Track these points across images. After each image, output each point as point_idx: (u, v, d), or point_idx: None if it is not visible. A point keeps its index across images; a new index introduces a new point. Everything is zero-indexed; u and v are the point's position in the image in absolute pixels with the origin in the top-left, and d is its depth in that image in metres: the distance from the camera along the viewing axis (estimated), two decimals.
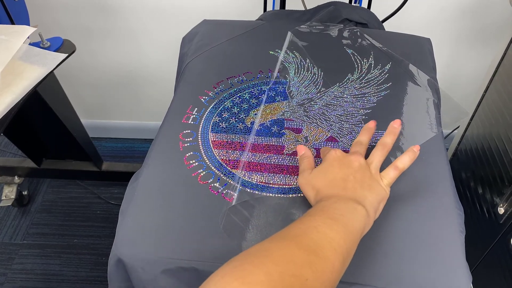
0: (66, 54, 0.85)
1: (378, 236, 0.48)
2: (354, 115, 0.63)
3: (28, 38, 0.80)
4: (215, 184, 0.53)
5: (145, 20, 1.23)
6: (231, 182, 0.54)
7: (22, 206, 1.41)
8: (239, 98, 0.66)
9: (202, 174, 0.55)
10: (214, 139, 0.59)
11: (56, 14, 1.23)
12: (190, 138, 0.59)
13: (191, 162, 0.56)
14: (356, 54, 0.75)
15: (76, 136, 1.17)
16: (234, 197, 0.52)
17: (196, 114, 0.63)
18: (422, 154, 0.56)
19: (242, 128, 0.61)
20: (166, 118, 0.63)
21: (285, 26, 0.81)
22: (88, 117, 1.54)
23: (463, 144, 1.10)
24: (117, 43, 1.31)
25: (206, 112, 0.64)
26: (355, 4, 0.95)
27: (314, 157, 0.56)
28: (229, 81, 0.69)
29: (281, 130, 0.61)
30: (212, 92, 0.67)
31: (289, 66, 0.72)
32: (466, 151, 1.08)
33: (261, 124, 0.62)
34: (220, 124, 0.62)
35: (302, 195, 0.52)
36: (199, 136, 0.60)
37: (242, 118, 0.63)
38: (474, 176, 1.01)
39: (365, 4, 0.97)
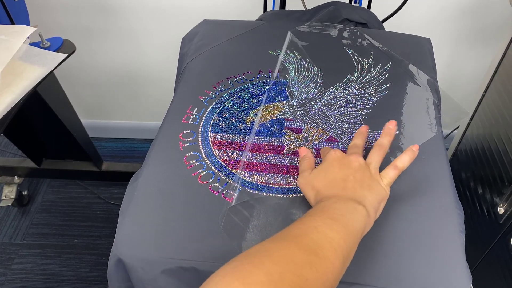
0: (66, 54, 0.85)
1: (378, 236, 0.48)
2: (354, 115, 0.63)
3: (28, 38, 0.80)
4: (215, 184, 0.53)
5: (145, 20, 1.23)
6: (231, 182, 0.54)
7: (22, 206, 1.41)
8: (239, 98, 0.66)
9: (202, 174, 0.55)
10: (214, 139, 0.59)
11: (56, 14, 1.23)
12: (190, 138, 0.59)
13: (191, 162, 0.56)
14: (356, 54, 0.75)
15: (76, 136, 1.17)
16: (234, 197, 0.52)
17: (196, 114, 0.63)
18: (422, 154, 0.56)
19: (242, 128, 0.61)
20: (166, 118, 0.63)
21: (285, 26, 0.81)
22: (88, 117, 1.54)
23: (463, 144, 1.10)
24: (117, 43, 1.31)
25: (206, 112, 0.64)
26: (355, 4, 0.95)
27: (314, 157, 0.56)
28: (229, 81, 0.69)
29: (281, 130, 0.61)
30: (212, 92, 0.67)
31: (289, 66, 0.72)
32: (466, 151, 1.08)
33: (261, 124, 0.62)
34: (220, 124, 0.62)
35: (302, 195, 0.52)
36: (199, 136, 0.60)
37: (242, 118, 0.63)
38: (474, 176, 1.01)
39: (365, 4, 0.97)
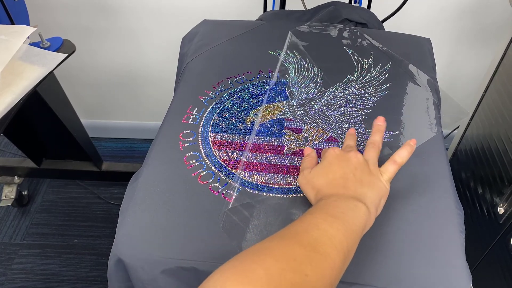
0: (66, 54, 0.85)
1: (378, 236, 0.48)
2: (354, 115, 0.63)
3: (28, 38, 0.80)
4: (215, 184, 0.53)
5: (145, 20, 1.23)
6: (231, 182, 0.54)
7: (22, 206, 1.41)
8: (239, 98, 0.66)
9: (202, 174, 0.55)
10: (214, 139, 0.59)
11: (56, 14, 1.23)
12: (190, 138, 0.59)
13: (191, 162, 0.56)
14: (356, 54, 0.75)
15: (76, 136, 1.17)
16: (234, 197, 0.52)
17: (196, 114, 0.63)
18: (422, 154, 0.56)
19: (242, 128, 0.61)
20: (166, 118, 0.63)
21: (285, 26, 0.81)
22: (88, 117, 1.54)
23: (463, 144, 1.10)
24: (117, 43, 1.31)
25: (206, 112, 0.64)
26: (355, 4, 0.95)
27: None
28: (229, 81, 0.69)
29: (281, 130, 0.61)
30: (212, 92, 0.67)
31: (289, 66, 0.72)
32: (466, 151, 1.08)
33: (261, 124, 0.62)
34: (220, 124, 0.62)
35: (302, 195, 0.52)
36: (199, 136, 0.60)
37: (242, 118, 0.63)
38: (474, 176, 1.01)
39: (365, 4, 0.97)
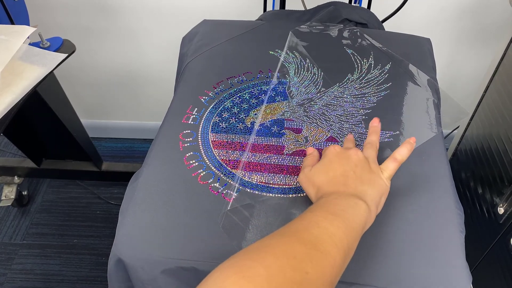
0: (66, 54, 0.85)
1: (378, 236, 0.48)
2: (354, 115, 0.63)
3: (28, 38, 0.80)
4: (215, 184, 0.53)
5: (145, 20, 1.23)
6: (231, 182, 0.54)
7: (22, 206, 1.41)
8: (239, 98, 0.66)
9: (202, 174, 0.55)
10: (214, 139, 0.59)
11: (56, 14, 1.23)
12: (190, 138, 0.59)
13: (191, 162, 0.56)
14: (356, 54, 0.75)
15: (76, 136, 1.17)
16: (234, 197, 0.52)
17: (196, 114, 0.63)
18: (422, 154, 0.56)
19: (242, 128, 0.61)
20: (166, 118, 0.63)
21: (285, 26, 0.81)
22: (88, 117, 1.54)
23: (463, 144, 1.10)
24: (117, 43, 1.31)
25: (206, 112, 0.64)
26: (355, 4, 0.95)
27: None
28: (229, 81, 0.69)
29: (281, 130, 0.61)
30: (212, 92, 0.67)
31: (289, 66, 0.72)
32: (466, 151, 1.08)
33: (261, 124, 0.62)
34: (220, 124, 0.62)
35: (302, 195, 0.52)
36: (199, 136, 0.60)
37: (242, 118, 0.63)
38: (474, 176, 1.01)
39: (365, 4, 0.97)
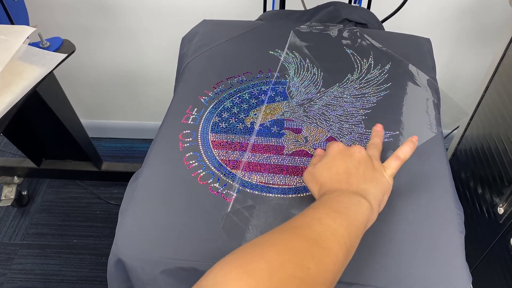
0: (66, 54, 0.85)
1: (378, 236, 0.48)
2: (354, 115, 0.63)
3: (27, 38, 0.80)
4: (215, 184, 0.53)
5: (145, 20, 1.23)
6: (231, 182, 0.54)
7: (22, 206, 1.41)
8: (239, 98, 0.66)
9: (202, 175, 0.54)
10: (214, 139, 0.59)
11: (56, 14, 1.22)
12: (190, 138, 0.59)
13: (191, 162, 0.56)
14: (356, 54, 0.75)
15: (75, 136, 1.17)
16: (233, 197, 0.52)
17: (196, 114, 0.63)
18: (422, 154, 0.56)
19: (242, 128, 0.61)
20: (166, 118, 0.63)
21: (285, 26, 0.81)
22: (87, 117, 1.54)
23: (463, 144, 1.10)
24: (116, 43, 1.30)
25: (206, 112, 0.64)
26: (355, 4, 0.95)
27: None
28: (229, 81, 0.69)
29: (281, 130, 0.61)
30: (212, 92, 0.67)
31: (289, 66, 0.72)
32: (465, 151, 1.08)
33: (261, 124, 0.62)
34: (220, 124, 0.62)
35: (302, 196, 0.52)
36: (199, 136, 0.60)
37: (241, 118, 0.63)
38: (474, 176, 1.01)
39: (365, 4, 0.97)
